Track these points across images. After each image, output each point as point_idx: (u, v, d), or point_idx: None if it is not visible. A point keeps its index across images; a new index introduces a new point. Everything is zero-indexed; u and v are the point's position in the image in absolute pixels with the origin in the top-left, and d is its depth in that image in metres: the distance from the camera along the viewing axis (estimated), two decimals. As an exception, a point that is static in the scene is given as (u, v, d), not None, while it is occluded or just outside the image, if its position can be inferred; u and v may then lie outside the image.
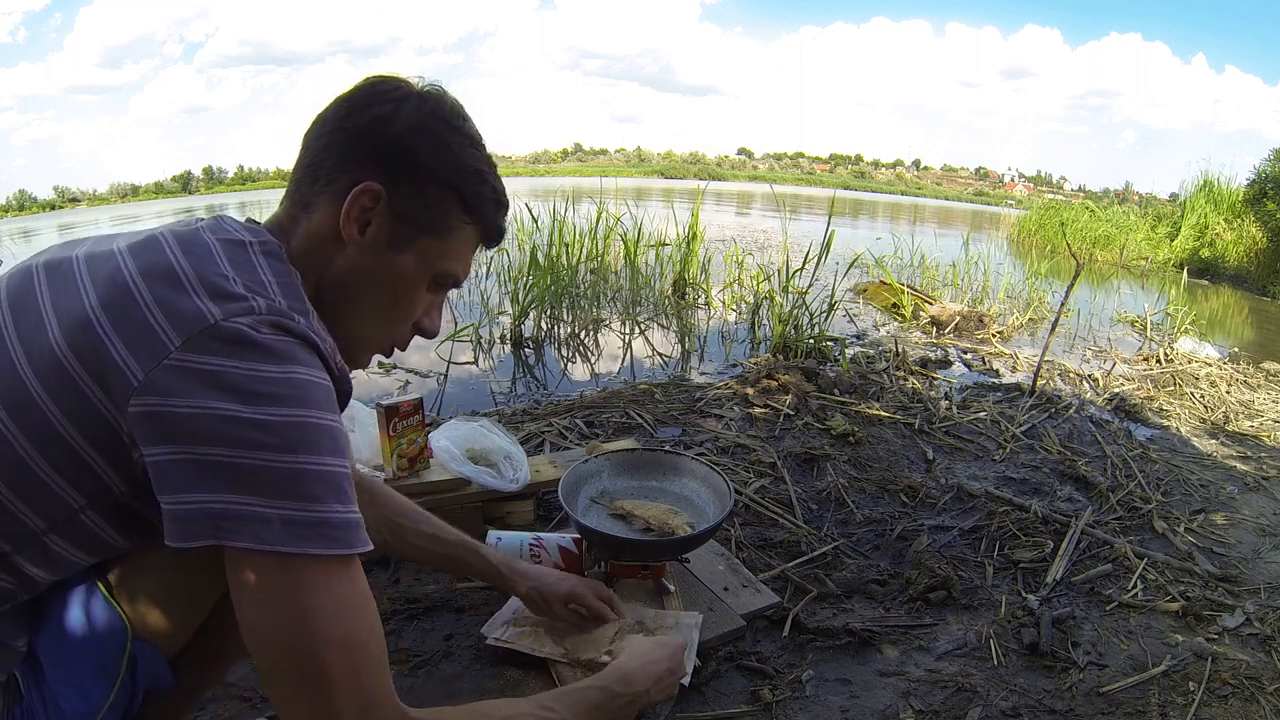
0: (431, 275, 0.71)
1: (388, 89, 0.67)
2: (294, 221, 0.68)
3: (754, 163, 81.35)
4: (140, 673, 0.67)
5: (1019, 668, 1.31)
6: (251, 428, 0.52)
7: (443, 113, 0.68)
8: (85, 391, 0.54)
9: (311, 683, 0.54)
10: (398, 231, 0.67)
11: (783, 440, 2.24)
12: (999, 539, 1.75)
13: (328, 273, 0.68)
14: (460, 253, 0.72)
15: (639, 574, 1.36)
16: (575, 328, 3.88)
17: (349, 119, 0.67)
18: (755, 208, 15.24)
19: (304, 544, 0.53)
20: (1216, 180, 10.09)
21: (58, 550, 0.60)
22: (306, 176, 0.67)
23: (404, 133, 0.66)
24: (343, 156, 0.66)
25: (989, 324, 4.17)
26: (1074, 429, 2.57)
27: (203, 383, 0.52)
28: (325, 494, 0.55)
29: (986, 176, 79.01)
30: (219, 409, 0.52)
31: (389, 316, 0.72)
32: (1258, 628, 1.45)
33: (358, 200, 0.65)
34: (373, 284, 0.69)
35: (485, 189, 0.71)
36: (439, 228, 0.69)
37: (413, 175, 0.67)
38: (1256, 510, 2.03)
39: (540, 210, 4.64)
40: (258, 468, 0.52)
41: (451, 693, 1.14)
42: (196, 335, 0.53)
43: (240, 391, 0.53)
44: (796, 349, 3.35)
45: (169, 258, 0.58)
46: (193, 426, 0.52)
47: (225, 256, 0.60)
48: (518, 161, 73.61)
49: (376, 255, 0.68)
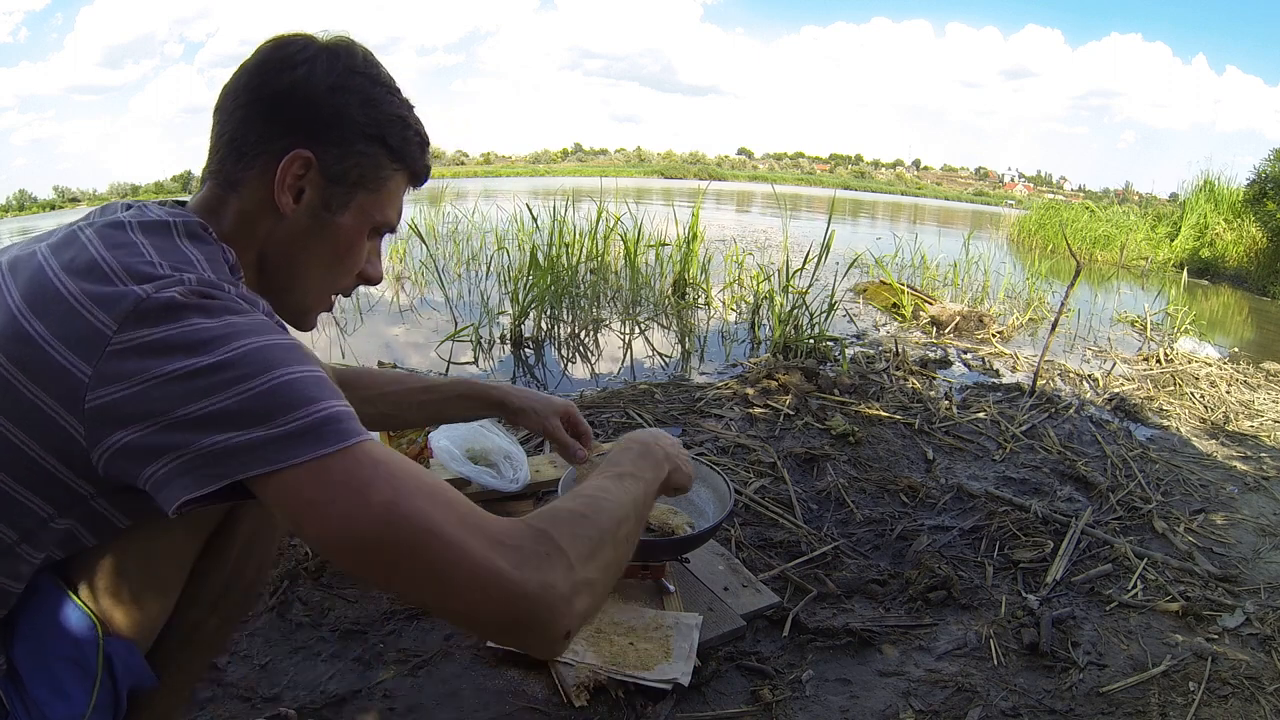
0: (370, 226, 0.72)
1: (295, 49, 0.66)
2: (221, 202, 0.67)
3: (754, 163, 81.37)
4: (119, 670, 0.66)
5: (1019, 668, 1.31)
6: (210, 372, 0.51)
7: (357, 66, 0.68)
8: (36, 402, 0.53)
9: (422, 545, 0.51)
10: (332, 193, 0.68)
11: (783, 440, 2.24)
12: (999, 539, 1.75)
13: (269, 245, 0.68)
14: (394, 199, 0.73)
15: (639, 574, 1.36)
16: (575, 328, 3.88)
17: (263, 88, 0.65)
18: (755, 207, 15.24)
19: (320, 445, 0.51)
20: (1217, 180, 10.10)
21: (28, 560, 0.60)
22: (229, 154, 0.66)
23: (324, 94, 0.65)
24: (264, 128, 0.65)
25: (989, 324, 4.17)
26: (1074, 429, 2.57)
27: (150, 353, 0.51)
28: (317, 394, 0.53)
29: (986, 176, 79.02)
30: (173, 369, 0.51)
31: (335, 274, 0.73)
32: (1258, 628, 1.45)
33: (288, 170, 0.65)
34: (316, 248, 0.69)
35: (410, 134, 0.71)
36: (372, 181, 0.69)
37: (340, 136, 0.66)
38: (1256, 510, 2.03)
39: (540, 210, 4.64)
40: (235, 403, 0.51)
41: (452, 693, 1.14)
42: (130, 314, 0.52)
43: (186, 347, 0.52)
44: (796, 349, 3.35)
45: (91, 252, 0.57)
46: (154, 396, 0.51)
47: (148, 244, 0.59)
48: (518, 161, 73.58)
49: (315, 220, 0.68)
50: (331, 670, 1.18)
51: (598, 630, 1.23)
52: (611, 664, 1.16)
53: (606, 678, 1.14)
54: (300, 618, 1.29)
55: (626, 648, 1.20)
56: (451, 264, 5.26)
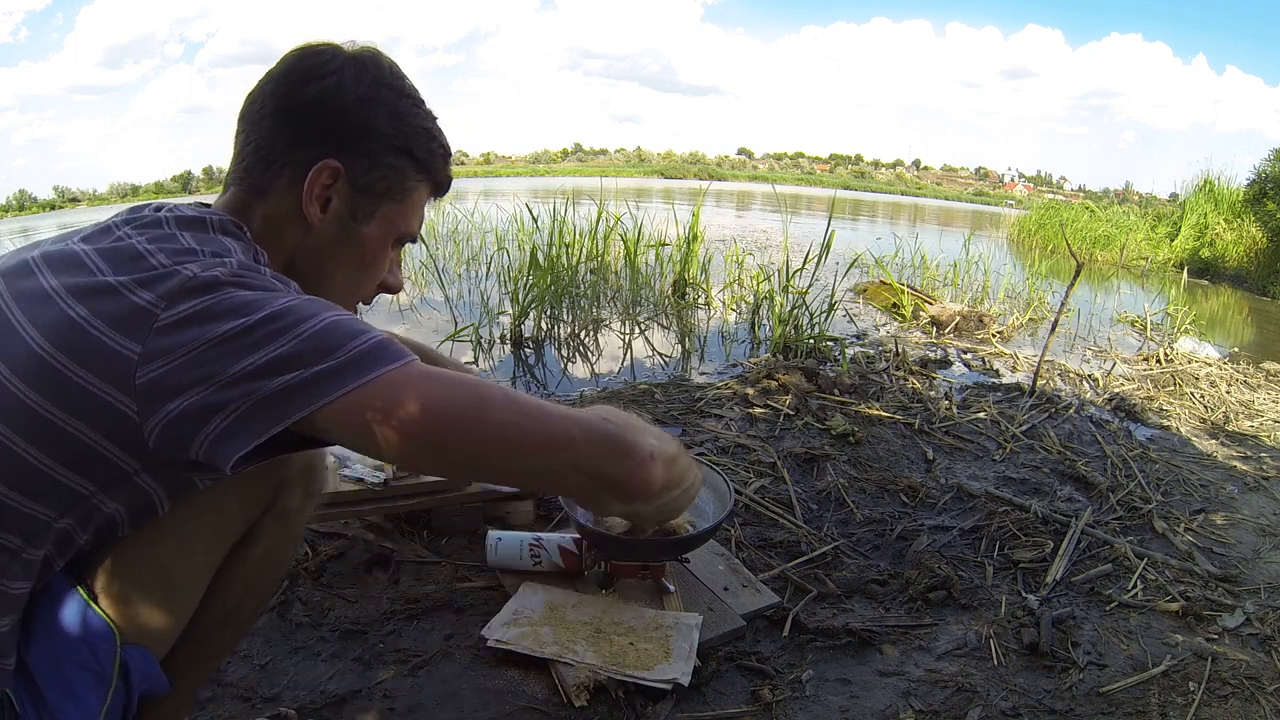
0: (394, 237, 0.73)
1: (324, 59, 0.67)
2: (248, 207, 0.68)
3: (754, 163, 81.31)
4: (134, 677, 0.67)
5: (1019, 668, 1.31)
6: (260, 326, 0.53)
7: (385, 78, 0.68)
8: (84, 385, 0.54)
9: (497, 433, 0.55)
10: (359, 203, 0.68)
11: (783, 440, 2.24)
12: (999, 539, 1.75)
13: (297, 253, 0.68)
14: (417, 210, 0.74)
15: (639, 574, 1.36)
16: (575, 328, 3.88)
17: (291, 97, 0.66)
18: (755, 208, 15.24)
19: (376, 366, 0.54)
20: (1217, 180, 10.09)
21: (59, 543, 0.60)
22: (256, 162, 0.67)
23: (353, 105, 0.66)
24: (292, 137, 0.66)
25: (989, 324, 4.17)
26: (1074, 429, 2.57)
27: (197, 323, 0.53)
28: (362, 327, 0.56)
29: (986, 176, 78.98)
30: (223, 331, 0.52)
31: (359, 282, 0.74)
32: (1258, 628, 1.45)
33: (317, 180, 0.65)
34: (341, 258, 0.70)
35: (435, 146, 0.72)
36: (398, 193, 0.70)
37: (368, 147, 0.67)
38: (1256, 510, 2.03)
39: (540, 210, 4.64)
40: (290, 348, 0.52)
41: (452, 693, 1.14)
42: (176, 291, 0.54)
43: (233, 310, 0.53)
44: (796, 349, 3.35)
45: (132, 243, 0.58)
46: (209, 358, 0.52)
47: (188, 234, 0.60)
48: (518, 161, 73.56)
49: (341, 230, 0.69)
50: (331, 670, 1.18)
51: (598, 630, 1.23)
52: (611, 664, 1.16)
53: (606, 678, 1.14)
54: (300, 618, 1.30)
55: (626, 647, 1.20)
56: (451, 264, 5.26)
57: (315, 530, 1.53)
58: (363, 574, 1.44)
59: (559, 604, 1.30)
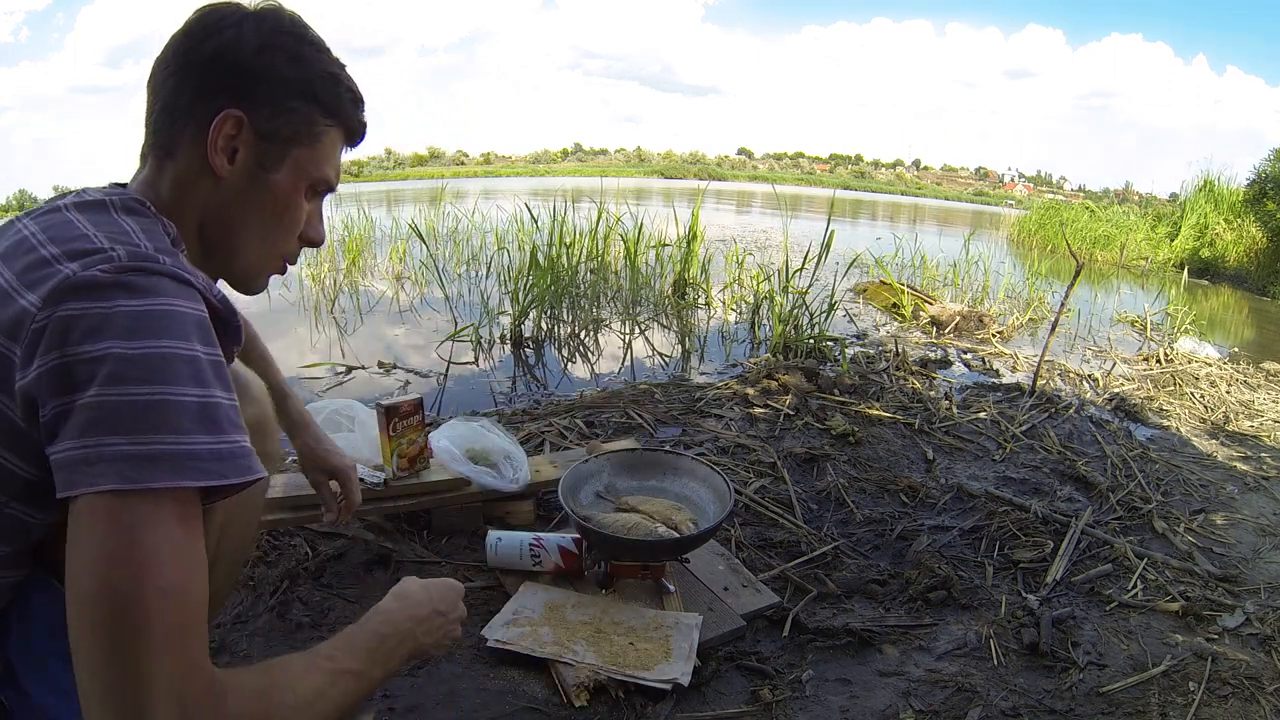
0: (307, 184, 0.72)
1: (223, 14, 0.67)
2: (159, 172, 0.67)
3: (754, 163, 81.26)
4: None
5: (1019, 668, 1.31)
6: (112, 362, 0.51)
7: (285, 26, 0.69)
8: None
9: (128, 643, 0.48)
10: (266, 151, 0.68)
11: (783, 440, 2.24)
12: (999, 539, 1.75)
13: (209, 210, 0.68)
14: (330, 156, 0.73)
15: (639, 574, 1.36)
16: (575, 328, 3.88)
17: (191, 53, 0.66)
18: (755, 207, 15.24)
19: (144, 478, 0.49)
20: (1217, 180, 10.09)
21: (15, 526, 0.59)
22: (163, 121, 0.67)
23: (251, 55, 0.66)
24: (196, 92, 0.66)
25: (989, 324, 4.17)
26: (1074, 429, 2.57)
27: (63, 331, 0.51)
28: (187, 424, 0.52)
29: (986, 176, 78.92)
30: (79, 353, 0.51)
31: (276, 235, 0.73)
32: (1258, 628, 1.45)
33: (220, 129, 0.65)
34: (254, 208, 0.70)
35: (341, 89, 0.72)
36: (305, 137, 0.70)
37: (270, 94, 0.67)
38: (1256, 510, 2.04)
39: (540, 210, 4.64)
40: (115, 403, 0.50)
41: (451, 692, 1.14)
42: (53, 292, 0.52)
43: (96, 331, 0.51)
44: (796, 349, 3.35)
45: (27, 237, 0.58)
46: (59, 376, 0.51)
47: (84, 219, 0.59)
48: (518, 161, 73.51)
49: (251, 179, 0.68)
50: (331, 670, 1.18)
51: (598, 630, 1.24)
52: (611, 664, 1.16)
53: (606, 677, 1.14)
54: (300, 618, 1.29)
55: (626, 647, 1.20)
56: (451, 264, 5.26)
57: (315, 530, 1.53)
58: (363, 574, 1.44)
59: (559, 604, 1.30)
